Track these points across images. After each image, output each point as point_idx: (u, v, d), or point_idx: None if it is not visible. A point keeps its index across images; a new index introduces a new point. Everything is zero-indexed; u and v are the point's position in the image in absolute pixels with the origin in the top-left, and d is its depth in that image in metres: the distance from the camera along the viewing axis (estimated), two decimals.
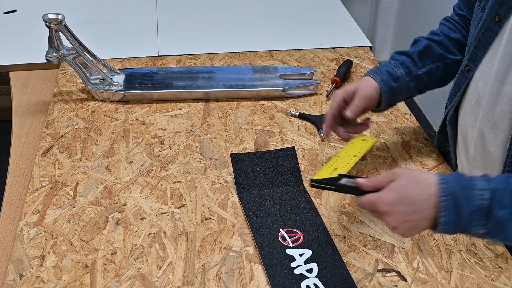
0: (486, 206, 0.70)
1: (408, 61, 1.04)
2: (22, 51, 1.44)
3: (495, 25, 0.89)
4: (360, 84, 1.00)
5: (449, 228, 0.72)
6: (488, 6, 0.90)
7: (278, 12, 1.68)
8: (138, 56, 1.44)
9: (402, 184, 0.73)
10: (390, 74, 1.01)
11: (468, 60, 0.96)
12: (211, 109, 1.24)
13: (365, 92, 0.98)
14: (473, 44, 0.94)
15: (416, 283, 0.84)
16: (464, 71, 0.97)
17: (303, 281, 0.83)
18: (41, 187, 1.01)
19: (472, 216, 0.70)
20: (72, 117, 1.20)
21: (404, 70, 1.03)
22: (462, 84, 0.98)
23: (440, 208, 0.71)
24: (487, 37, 0.91)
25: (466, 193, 0.71)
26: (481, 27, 0.91)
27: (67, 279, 0.84)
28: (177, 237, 0.91)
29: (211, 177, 1.04)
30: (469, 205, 0.70)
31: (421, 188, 0.72)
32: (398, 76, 1.01)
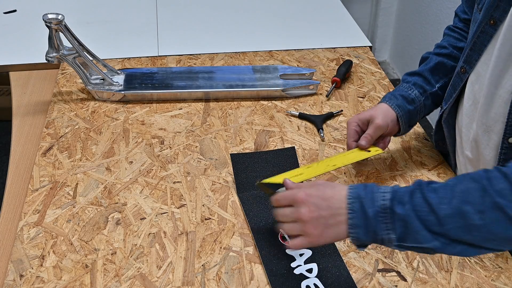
0: (388, 206, 0.73)
1: (420, 81, 1.05)
2: (22, 51, 1.44)
3: (490, 27, 0.89)
4: (375, 112, 1.00)
5: (359, 232, 0.74)
6: (483, 8, 0.90)
7: (278, 12, 1.69)
8: (138, 56, 1.44)
9: (321, 183, 0.79)
10: (404, 97, 1.02)
11: (464, 62, 0.96)
12: (211, 109, 1.24)
13: (379, 122, 0.99)
14: (469, 46, 0.94)
15: (416, 283, 0.84)
16: (460, 73, 0.97)
17: (303, 281, 0.83)
18: (41, 187, 1.01)
19: (377, 218, 0.73)
20: (72, 117, 1.20)
21: (418, 90, 1.03)
22: (457, 85, 0.98)
23: (348, 211, 0.74)
24: (482, 39, 0.91)
25: (370, 196, 0.74)
26: (477, 30, 0.91)
27: (67, 279, 0.84)
28: (177, 237, 0.91)
29: (211, 177, 1.04)
30: (373, 206, 0.73)
31: (336, 190, 0.77)
32: (413, 98, 1.02)
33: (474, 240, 0.72)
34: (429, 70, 1.05)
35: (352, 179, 1.04)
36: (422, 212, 0.72)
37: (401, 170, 1.07)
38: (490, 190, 0.70)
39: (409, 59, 2.79)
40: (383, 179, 1.04)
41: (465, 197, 0.71)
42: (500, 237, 0.70)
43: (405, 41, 2.84)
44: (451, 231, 0.72)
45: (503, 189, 0.69)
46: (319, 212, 0.76)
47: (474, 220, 0.70)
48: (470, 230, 0.71)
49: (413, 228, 0.73)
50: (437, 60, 1.06)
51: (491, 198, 0.70)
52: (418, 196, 0.73)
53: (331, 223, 0.76)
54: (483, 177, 0.72)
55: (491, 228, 0.70)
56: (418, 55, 2.68)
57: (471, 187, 0.72)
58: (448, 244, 0.73)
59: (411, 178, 1.05)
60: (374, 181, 1.04)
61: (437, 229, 0.72)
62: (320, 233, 0.76)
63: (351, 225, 0.75)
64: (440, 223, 0.72)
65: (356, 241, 0.76)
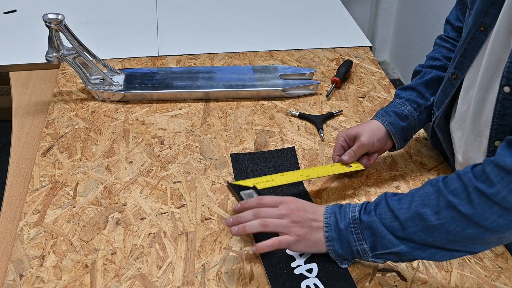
0: (357, 217, 0.80)
1: (414, 96, 1.04)
2: (22, 51, 1.44)
3: (481, 34, 0.89)
4: (363, 130, 1.00)
5: (335, 245, 0.82)
6: (473, 15, 0.90)
7: (278, 12, 1.69)
8: (138, 56, 1.44)
9: (300, 200, 0.86)
10: (397, 114, 1.01)
11: (455, 68, 0.95)
12: (211, 109, 1.24)
13: (364, 140, 0.99)
14: (460, 52, 0.94)
15: (416, 283, 0.84)
16: (452, 79, 0.97)
17: (303, 281, 0.83)
18: (41, 187, 1.01)
19: (348, 229, 0.80)
20: (72, 117, 1.20)
21: (412, 106, 1.03)
22: (449, 91, 0.98)
23: (325, 225, 0.82)
24: (473, 46, 0.91)
25: (343, 211, 0.82)
26: (467, 36, 0.91)
27: (67, 279, 0.84)
28: (177, 237, 0.91)
29: (211, 177, 1.04)
30: (344, 219, 0.81)
31: (314, 205, 0.86)
32: (406, 114, 1.02)
33: (439, 242, 0.75)
34: (423, 84, 1.04)
35: (352, 179, 1.04)
36: (386, 219, 0.78)
37: (401, 170, 1.07)
38: (445, 191, 0.74)
39: (409, 59, 2.79)
40: (383, 179, 1.04)
41: (422, 201, 0.76)
42: (460, 236, 0.74)
43: (405, 41, 2.84)
44: (414, 235, 0.76)
45: (456, 189, 0.73)
46: (306, 213, 0.83)
47: (432, 221, 0.74)
48: (431, 231, 0.75)
49: (379, 234, 0.78)
50: (432, 73, 1.05)
51: (445, 198, 0.74)
52: (383, 205, 0.79)
53: (314, 226, 0.83)
54: (440, 180, 0.76)
55: (449, 227, 0.74)
56: (418, 55, 2.68)
57: (429, 191, 0.76)
58: (417, 248, 0.77)
59: (411, 178, 1.05)
60: (374, 181, 1.04)
61: (401, 234, 0.77)
62: (304, 234, 0.83)
63: (327, 238, 0.82)
64: (403, 227, 0.77)
65: (334, 254, 0.83)
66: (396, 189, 1.02)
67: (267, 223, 0.82)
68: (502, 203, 0.69)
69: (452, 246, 0.75)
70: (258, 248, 0.82)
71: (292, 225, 0.82)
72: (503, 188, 0.69)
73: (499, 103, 0.83)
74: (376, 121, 1.01)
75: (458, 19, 1.07)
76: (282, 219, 0.83)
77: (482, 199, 0.70)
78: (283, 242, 0.82)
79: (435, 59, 1.06)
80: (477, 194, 0.71)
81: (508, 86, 0.81)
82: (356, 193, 1.01)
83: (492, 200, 0.70)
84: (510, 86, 0.80)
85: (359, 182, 1.03)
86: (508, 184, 0.69)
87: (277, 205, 0.85)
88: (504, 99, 0.82)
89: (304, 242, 0.82)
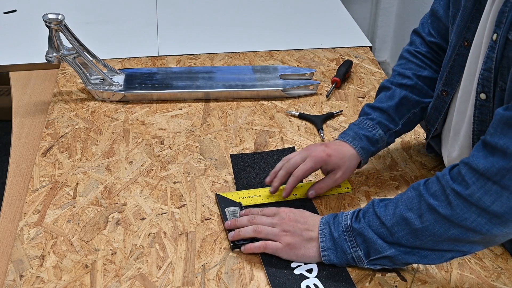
0: (349, 225, 0.82)
1: (384, 119, 0.99)
2: (22, 51, 1.44)
3: (465, 49, 0.90)
4: (342, 163, 0.95)
5: (330, 255, 0.83)
6: (455, 31, 0.91)
7: (278, 12, 1.68)
8: (138, 56, 1.44)
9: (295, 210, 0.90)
10: (368, 139, 0.97)
11: (444, 85, 0.96)
12: (211, 109, 1.24)
13: (340, 180, 0.96)
14: (447, 69, 0.94)
15: (416, 283, 0.84)
16: (442, 96, 0.97)
17: (303, 281, 0.83)
18: (41, 187, 1.01)
19: (342, 237, 0.83)
20: (72, 117, 1.20)
21: (383, 129, 0.99)
22: (442, 108, 0.97)
23: (320, 236, 0.84)
24: (460, 61, 0.91)
25: (337, 221, 0.84)
26: (452, 53, 0.92)
27: (67, 279, 0.84)
28: (177, 237, 0.91)
29: (211, 177, 1.04)
30: (338, 228, 0.83)
31: (312, 215, 0.89)
32: (377, 139, 0.98)
33: (426, 244, 0.77)
34: (394, 108, 1.00)
35: (352, 179, 1.04)
36: (375, 226, 0.80)
37: (401, 170, 1.07)
38: (425, 195, 0.76)
39: None
40: (383, 179, 1.04)
41: (406, 205, 0.78)
42: (445, 237, 0.75)
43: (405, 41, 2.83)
44: (402, 239, 0.79)
45: (436, 191, 0.75)
46: (297, 223, 0.86)
47: (416, 225, 0.77)
48: (417, 234, 0.77)
49: (370, 239, 0.80)
50: (401, 95, 1.00)
51: (426, 202, 0.76)
52: (370, 213, 0.82)
53: (305, 236, 0.85)
54: (421, 184, 0.78)
55: (432, 229, 0.76)
56: None
57: (411, 196, 0.79)
58: (407, 252, 0.79)
59: (411, 178, 1.05)
60: (374, 181, 1.04)
61: (390, 239, 0.79)
62: (294, 243, 0.85)
63: (322, 248, 0.84)
64: (391, 233, 0.79)
65: (327, 262, 0.84)
66: (396, 189, 1.02)
67: (259, 229, 0.87)
68: (479, 204, 0.71)
69: (440, 247, 0.77)
70: (246, 249, 0.87)
71: (283, 234, 0.86)
72: (478, 190, 0.71)
73: (477, 109, 0.85)
74: (351, 148, 0.96)
75: (430, 34, 1.03)
76: (275, 227, 0.87)
77: (460, 200, 0.73)
78: (270, 247, 0.86)
79: (405, 77, 1.02)
80: (455, 196, 0.73)
81: (484, 93, 0.83)
82: (356, 193, 1.01)
83: (469, 201, 0.72)
84: (486, 93, 0.83)
85: (359, 182, 1.03)
86: (482, 186, 0.71)
87: (273, 215, 0.89)
88: (481, 105, 0.84)
89: (294, 251, 0.85)
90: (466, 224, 0.73)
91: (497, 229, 0.72)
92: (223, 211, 0.94)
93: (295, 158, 0.95)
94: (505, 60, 0.78)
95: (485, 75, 0.82)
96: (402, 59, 1.08)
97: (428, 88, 1.02)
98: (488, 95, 0.83)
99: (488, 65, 0.81)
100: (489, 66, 0.80)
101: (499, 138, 0.71)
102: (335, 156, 0.94)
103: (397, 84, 1.02)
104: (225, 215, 0.93)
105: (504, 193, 0.70)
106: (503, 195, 0.70)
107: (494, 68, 0.80)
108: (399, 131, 1.02)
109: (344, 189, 1.01)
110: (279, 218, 0.88)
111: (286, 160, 0.96)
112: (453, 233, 0.74)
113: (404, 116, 1.01)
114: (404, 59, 1.07)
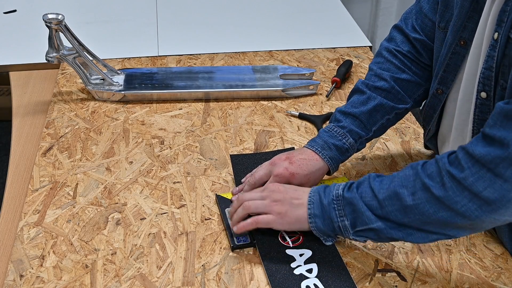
0: (340, 194, 0.82)
1: (356, 125, 0.96)
2: (22, 51, 1.44)
3: (461, 48, 0.90)
4: (308, 179, 0.93)
5: (317, 222, 0.84)
6: (451, 30, 0.91)
7: (278, 12, 1.68)
8: (138, 56, 1.44)
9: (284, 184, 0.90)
10: (338, 148, 0.95)
11: (439, 84, 0.95)
12: (211, 109, 1.24)
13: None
14: (442, 68, 0.93)
15: (416, 283, 0.84)
16: (437, 94, 0.96)
17: (303, 281, 0.83)
18: (41, 187, 1.01)
19: (331, 205, 0.83)
20: (72, 117, 1.20)
21: (353, 138, 0.96)
22: (437, 106, 0.97)
23: (308, 203, 0.84)
24: (455, 60, 0.91)
25: (328, 190, 0.84)
26: (448, 51, 0.92)
27: (67, 279, 0.84)
28: (177, 237, 0.91)
29: (211, 177, 1.04)
30: (328, 196, 0.83)
31: (297, 187, 0.89)
32: (347, 148, 0.96)
33: (413, 223, 0.78)
34: (367, 113, 0.97)
35: (352, 179, 1.04)
36: (366, 197, 0.80)
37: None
38: (422, 174, 0.77)
39: None
40: None
41: (401, 182, 0.78)
42: (433, 218, 0.76)
43: None
44: (391, 214, 0.78)
45: (432, 172, 0.76)
46: (286, 192, 0.86)
47: (407, 201, 0.77)
48: (406, 211, 0.77)
49: (359, 210, 0.80)
50: (376, 101, 0.97)
51: (421, 180, 0.76)
52: (365, 185, 0.81)
53: (295, 203, 0.85)
54: (420, 164, 0.79)
55: (422, 208, 0.76)
56: None
57: (408, 174, 0.79)
58: (393, 227, 0.79)
59: None
60: None
61: (379, 213, 0.79)
62: (284, 211, 0.85)
63: (309, 215, 0.84)
64: (381, 206, 0.79)
65: (316, 230, 0.85)
66: None
67: (248, 205, 0.87)
68: (471, 188, 0.72)
69: (427, 228, 0.77)
70: (239, 228, 0.87)
71: (273, 204, 0.86)
72: (472, 175, 0.72)
73: (477, 108, 0.86)
74: (319, 159, 0.94)
75: (414, 30, 1.00)
76: (264, 200, 0.87)
77: (454, 183, 0.73)
78: (262, 221, 0.85)
79: (382, 79, 0.98)
80: (449, 178, 0.74)
81: (485, 92, 0.83)
82: None
83: (463, 184, 0.72)
84: (486, 92, 0.83)
85: None
86: (476, 172, 0.72)
87: (263, 190, 0.89)
88: (481, 104, 0.85)
89: (286, 219, 0.85)
90: (456, 208, 0.73)
91: (487, 216, 0.72)
92: (223, 211, 0.94)
93: (260, 173, 0.94)
94: (506, 58, 0.78)
95: (486, 74, 0.82)
96: (380, 57, 1.02)
97: (404, 93, 0.99)
98: (489, 94, 0.83)
99: (489, 64, 0.81)
100: (490, 65, 0.81)
101: (498, 130, 0.71)
102: (299, 174, 0.92)
103: (372, 87, 0.98)
104: (225, 215, 0.93)
105: (497, 180, 0.70)
106: (496, 183, 0.70)
107: (495, 67, 0.80)
108: (371, 138, 1.00)
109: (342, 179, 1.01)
110: (268, 190, 0.88)
111: (251, 175, 0.95)
112: (442, 215, 0.74)
113: (377, 122, 0.98)
114: (382, 57, 1.02)
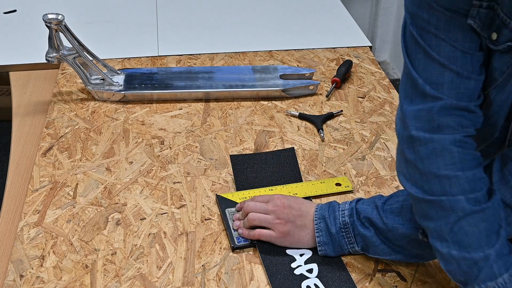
0: (348, 222, 0.83)
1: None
2: (22, 51, 1.44)
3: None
4: None
5: (327, 249, 0.85)
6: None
7: (278, 12, 1.68)
8: (138, 56, 1.44)
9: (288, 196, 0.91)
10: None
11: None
12: (211, 109, 1.24)
13: None
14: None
15: (416, 283, 0.84)
16: None
17: (303, 281, 0.83)
18: (41, 187, 1.01)
19: (340, 233, 0.84)
20: (72, 117, 1.20)
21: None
22: None
23: (316, 230, 0.85)
24: None
25: (332, 214, 0.85)
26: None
27: (67, 279, 0.84)
28: (177, 238, 0.91)
29: (211, 177, 1.04)
30: (335, 224, 0.84)
31: (307, 202, 0.89)
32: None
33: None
34: None
35: (352, 179, 1.04)
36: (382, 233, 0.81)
37: None
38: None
39: None
40: (383, 179, 1.04)
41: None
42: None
43: None
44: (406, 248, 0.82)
45: None
46: (291, 210, 0.86)
47: None
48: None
49: (372, 243, 0.82)
50: None
51: None
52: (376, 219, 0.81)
53: (299, 224, 0.86)
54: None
55: None
56: None
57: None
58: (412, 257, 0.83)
59: None
60: (374, 181, 1.04)
61: (397, 243, 0.81)
62: (287, 231, 0.86)
63: (319, 243, 0.85)
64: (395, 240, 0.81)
65: (324, 254, 0.86)
66: (396, 189, 1.02)
67: (252, 218, 0.87)
68: None
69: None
70: (242, 234, 0.89)
71: (277, 222, 0.87)
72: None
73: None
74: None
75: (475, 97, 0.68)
76: (268, 214, 0.88)
77: None
78: (265, 235, 0.87)
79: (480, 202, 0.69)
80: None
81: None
82: (356, 194, 1.01)
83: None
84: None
85: (359, 182, 1.03)
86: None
87: (267, 201, 0.90)
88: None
89: (288, 239, 0.87)
90: None
91: None
92: (223, 211, 0.94)
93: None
94: None
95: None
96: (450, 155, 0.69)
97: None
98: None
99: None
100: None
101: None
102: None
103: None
104: (225, 215, 0.93)
105: None
106: None
107: None
108: None
109: (345, 188, 1.01)
110: (273, 204, 0.88)
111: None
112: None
113: None
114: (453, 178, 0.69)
